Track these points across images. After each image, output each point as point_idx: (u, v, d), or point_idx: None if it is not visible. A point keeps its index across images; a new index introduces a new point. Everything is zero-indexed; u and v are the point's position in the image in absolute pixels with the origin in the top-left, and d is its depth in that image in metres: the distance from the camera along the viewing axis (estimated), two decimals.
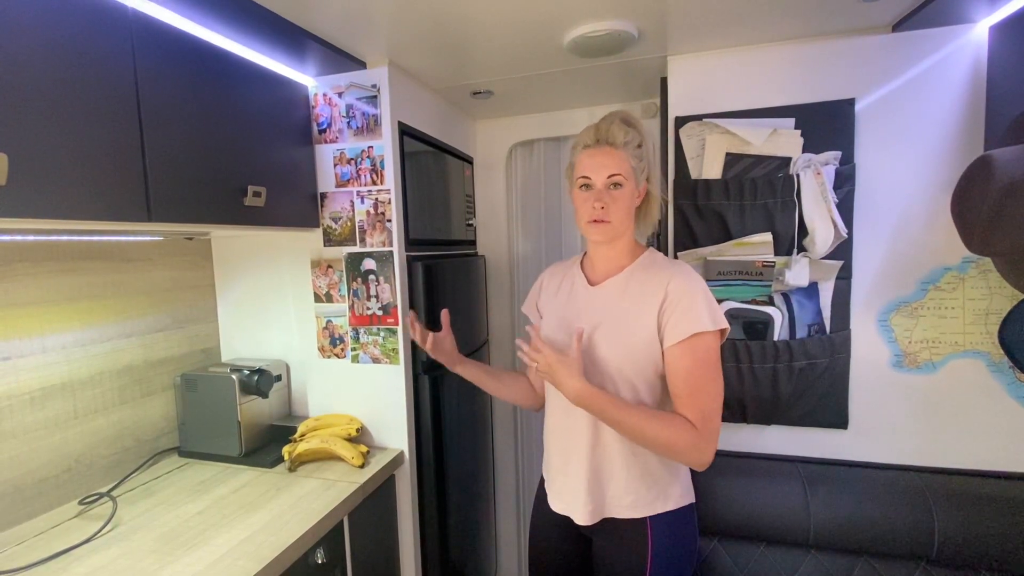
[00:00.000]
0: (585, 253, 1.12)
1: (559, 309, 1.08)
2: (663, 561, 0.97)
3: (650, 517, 0.98)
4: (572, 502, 1.02)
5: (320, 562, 1.08)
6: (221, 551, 0.95)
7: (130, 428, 1.32)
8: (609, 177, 0.96)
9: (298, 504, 1.12)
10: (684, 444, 0.88)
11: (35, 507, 1.10)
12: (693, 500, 1.04)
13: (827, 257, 1.26)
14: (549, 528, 1.10)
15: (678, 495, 1.01)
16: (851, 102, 1.25)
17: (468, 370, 1.18)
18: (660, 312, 0.94)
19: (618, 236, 1.00)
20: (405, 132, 1.43)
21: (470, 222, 1.97)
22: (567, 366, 0.90)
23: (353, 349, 1.45)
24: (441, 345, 1.15)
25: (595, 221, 0.97)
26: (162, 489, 1.22)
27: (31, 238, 1.09)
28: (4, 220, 0.72)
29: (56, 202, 0.78)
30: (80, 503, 1.15)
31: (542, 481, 1.15)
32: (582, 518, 1.01)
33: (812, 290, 1.29)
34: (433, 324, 1.49)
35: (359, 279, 1.42)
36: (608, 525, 1.01)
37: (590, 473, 0.99)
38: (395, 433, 1.43)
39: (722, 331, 0.93)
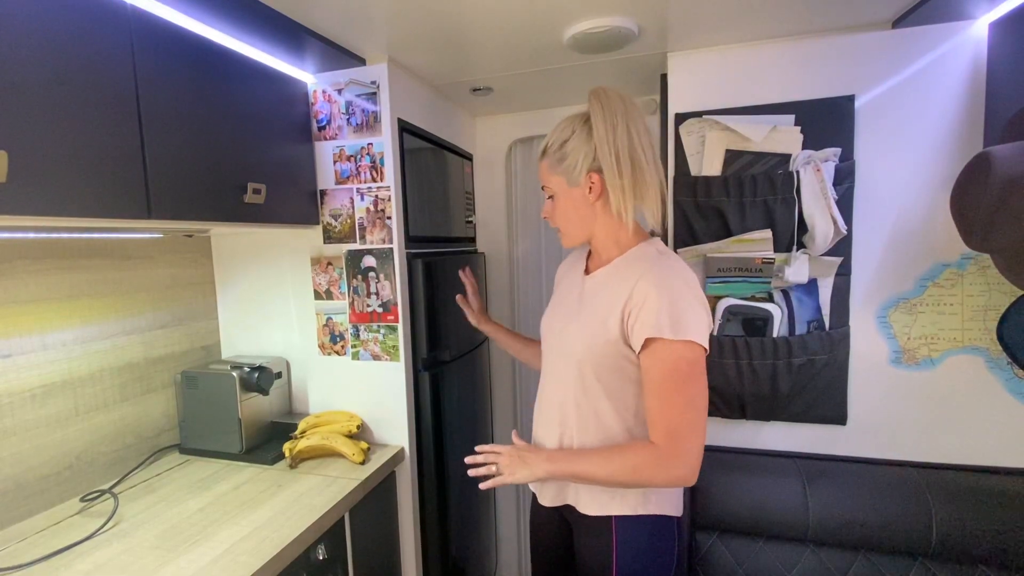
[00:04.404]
0: None
1: (561, 296, 1.09)
2: (630, 568, 0.95)
3: (616, 518, 0.95)
4: (542, 483, 1.05)
5: (321, 558, 1.09)
6: (223, 547, 0.95)
7: (131, 425, 1.32)
8: (543, 190, 1.01)
9: (299, 500, 1.13)
10: (648, 467, 0.84)
11: (37, 504, 1.10)
12: (671, 513, 0.98)
13: (826, 254, 1.26)
14: (546, 515, 1.11)
15: (637, 500, 0.95)
16: (851, 99, 1.25)
17: (491, 327, 1.34)
18: (624, 313, 0.88)
19: (577, 240, 1.01)
20: (405, 129, 1.43)
21: (470, 219, 1.97)
22: (524, 460, 0.95)
23: (353, 346, 1.45)
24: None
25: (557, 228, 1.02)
26: (163, 486, 1.22)
27: (31, 235, 1.09)
28: (4, 218, 0.72)
29: (56, 199, 0.78)
30: (81, 500, 1.15)
31: None
32: (545, 500, 1.05)
33: (811, 286, 1.30)
34: (433, 323, 1.50)
35: (359, 276, 1.42)
36: (578, 517, 1.01)
37: None
38: (395, 430, 1.44)
39: (693, 343, 0.83)
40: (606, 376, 0.93)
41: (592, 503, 0.98)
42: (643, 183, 0.90)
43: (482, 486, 0.98)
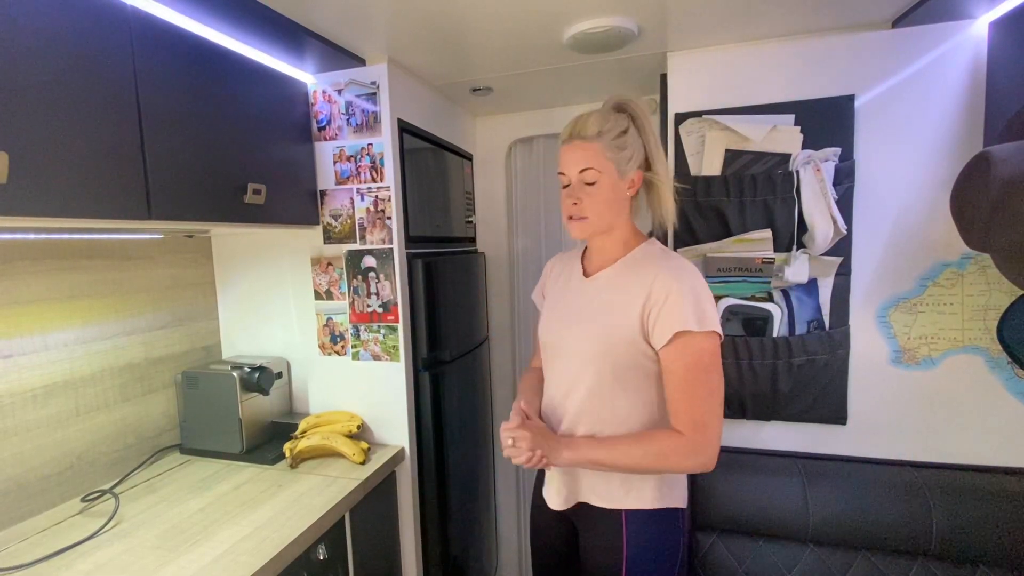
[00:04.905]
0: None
1: (556, 299, 1.08)
2: (640, 562, 0.96)
3: (625, 512, 0.96)
4: (550, 488, 1.05)
5: (322, 558, 1.09)
6: (223, 547, 0.96)
7: (132, 425, 1.32)
8: (581, 172, 0.93)
9: (299, 500, 1.13)
10: (675, 455, 0.88)
11: (38, 504, 1.11)
12: (679, 505, 1.00)
13: (826, 253, 1.26)
14: (547, 515, 1.10)
15: (652, 496, 0.97)
16: (851, 98, 1.25)
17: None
18: (644, 311, 0.91)
19: (598, 232, 0.98)
20: (405, 129, 1.43)
21: (470, 219, 1.97)
22: (547, 444, 0.92)
23: (354, 346, 1.45)
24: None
25: (571, 218, 0.96)
26: (164, 486, 1.22)
27: (32, 236, 1.09)
28: (5, 218, 0.72)
29: (56, 200, 0.78)
30: (82, 500, 1.15)
31: (540, 471, 1.16)
32: (556, 504, 1.03)
33: (811, 286, 1.29)
34: (433, 323, 1.50)
35: (359, 276, 1.42)
36: (585, 512, 1.01)
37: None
38: (396, 430, 1.44)
39: (714, 333, 0.88)
40: (624, 373, 0.94)
41: (607, 497, 0.98)
42: (671, 188, 0.99)
43: (508, 455, 0.94)
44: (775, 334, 1.30)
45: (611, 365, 0.94)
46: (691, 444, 0.87)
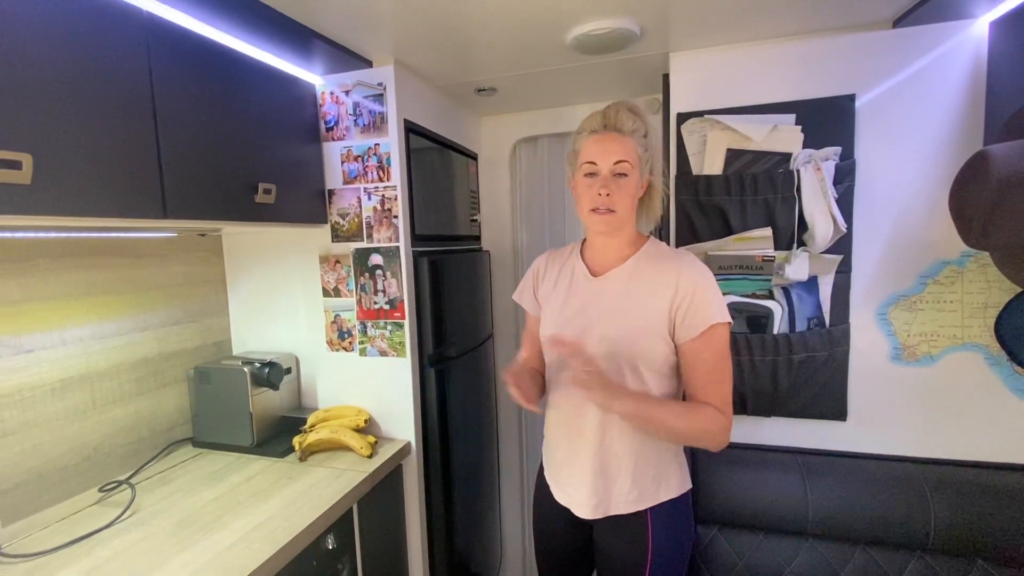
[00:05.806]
0: (584, 241, 1.10)
1: (560, 301, 1.06)
2: (663, 552, 0.99)
3: (650, 509, 0.99)
4: (575, 496, 1.03)
5: (331, 547, 1.12)
6: (237, 535, 0.99)
7: (146, 419, 1.36)
8: (616, 164, 0.93)
9: (309, 492, 1.16)
10: (717, 430, 0.91)
11: (57, 494, 1.14)
12: (690, 486, 1.05)
13: (827, 251, 1.27)
14: (553, 514, 1.11)
15: (677, 483, 1.02)
16: (851, 98, 1.26)
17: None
18: (673, 307, 0.93)
19: (620, 227, 0.98)
20: (411, 129, 1.45)
21: (475, 218, 2.00)
22: (610, 387, 0.88)
23: (361, 342, 1.48)
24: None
25: (598, 210, 0.94)
26: (178, 477, 1.26)
27: (52, 235, 1.13)
28: (30, 218, 0.75)
29: (78, 200, 0.81)
30: (100, 490, 1.19)
31: (541, 468, 1.17)
32: (584, 512, 1.01)
33: (812, 284, 1.31)
34: (439, 319, 1.52)
35: (366, 274, 1.45)
36: (609, 517, 1.01)
37: (596, 470, 0.99)
38: (402, 424, 1.47)
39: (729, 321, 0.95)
40: (651, 367, 0.96)
41: (639, 500, 0.98)
42: (662, 194, 1.04)
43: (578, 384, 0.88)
44: (776, 331, 1.32)
45: (640, 361, 0.95)
46: (726, 422, 0.92)
